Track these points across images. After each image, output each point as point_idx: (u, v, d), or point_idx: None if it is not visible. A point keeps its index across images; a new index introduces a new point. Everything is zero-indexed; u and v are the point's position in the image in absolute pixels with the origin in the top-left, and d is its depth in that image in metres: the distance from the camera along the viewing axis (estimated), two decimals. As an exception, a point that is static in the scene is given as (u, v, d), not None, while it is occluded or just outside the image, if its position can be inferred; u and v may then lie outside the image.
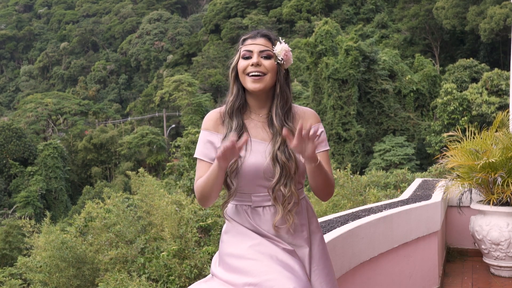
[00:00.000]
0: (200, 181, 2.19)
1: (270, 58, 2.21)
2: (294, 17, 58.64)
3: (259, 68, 2.19)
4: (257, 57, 2.20)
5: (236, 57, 2.26)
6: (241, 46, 2.26)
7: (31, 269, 8.43)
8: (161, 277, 6.76)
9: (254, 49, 2.21)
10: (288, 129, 2.07)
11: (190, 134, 19.23)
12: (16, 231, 20.66)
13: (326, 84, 31.98)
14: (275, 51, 2.22)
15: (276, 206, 2.19)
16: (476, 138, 5.01)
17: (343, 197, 9.48)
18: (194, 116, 43.56)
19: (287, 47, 2.24)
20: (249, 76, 2.19)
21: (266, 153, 2.19)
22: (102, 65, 77.17)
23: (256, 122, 2.26)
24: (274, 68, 2.22)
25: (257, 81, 2.19)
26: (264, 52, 2.21)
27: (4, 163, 41.16)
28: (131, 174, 10.17)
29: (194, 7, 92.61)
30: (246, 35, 2.28)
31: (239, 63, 2.23)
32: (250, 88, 2.21)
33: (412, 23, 45.83)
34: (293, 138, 1.99)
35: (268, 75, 2.20)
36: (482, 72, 31.98)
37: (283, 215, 2.18)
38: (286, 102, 2.24)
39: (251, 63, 2.19)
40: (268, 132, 2.23)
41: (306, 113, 2.30)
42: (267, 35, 2.25)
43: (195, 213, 7.83)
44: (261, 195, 2.21)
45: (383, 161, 29.42)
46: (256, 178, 2.19)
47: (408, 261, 4.16)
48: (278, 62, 2.22)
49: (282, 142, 2.18)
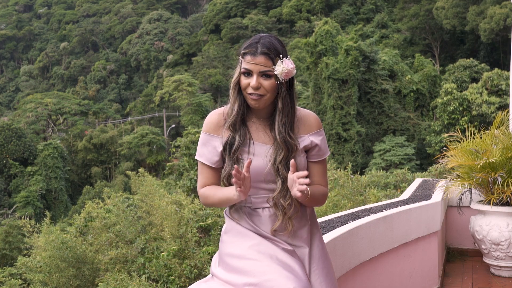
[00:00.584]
0: (209, 194, 2.26)
1: (270, 77, 2.15)
2: (294, 17, 58.63)
3: (258, 91, 2.15)
4: (256, 79, 2.14)
5: (238, 71, 2.21)
6: (241, 59, 2.19)
7: (31, 269, 8.42)
8: (161, 277, 6.76)
9: (253, 69, 2.15)
10: (294, 163, 2.08)
11: (190, 134, 19.22)
12: (16, 231, 20.66)
13: (326, 84, 31.99)
14: (275, 72, 2.14)
15: (276, 213, 2.21)
16: (476, 138, 5.01)
17: (343, 197, 9.48)
18: (194, 116, 43.55)
19: (288, 67, 2.15)
20: (249, 95, 2.17)
21: (267, 157, 2.20)
22: (102, 65, 77.17)
23: (257, 125, 2.26)
24: (274, 88, 2.17)
25: (256, 101, 2.17)
26: (264, 72, 2.15)
27: (4, 163, 41.16)
28: (131, 174, 10.17)
29: (194, 7, 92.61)
30: (247, 47, 2.18)
31: (241, 80, 2.19)
32: (251, 105, 2.20)
33: (412, 23, 45.83)
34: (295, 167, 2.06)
35: (267, 95, 2.17)
36: (482, 72, 31.98)
37: (282, 222, 2.19)
38: (288, 116, 2.21)
39: (250, 85, 2.15)
40: (269, 136, 2.24)
41: (308, 118, 2.28)
42: (267, 53, 2.14)
43: (195, 213, 7.83)
44: (261, 196, 2.23)
45: (383, 161, 29.43)
46: (256, 180, 2.20)
47: (408, 261, 4.16)
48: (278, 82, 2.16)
49: (284, 156, 2.18)
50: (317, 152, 2.27)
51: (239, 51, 2.25)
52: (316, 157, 2.28)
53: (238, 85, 2.21)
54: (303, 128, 2.26)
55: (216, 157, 2.24)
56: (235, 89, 2.21)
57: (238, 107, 2.21)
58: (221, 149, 2.23)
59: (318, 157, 2.28)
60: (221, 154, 2.24)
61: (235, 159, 2.21)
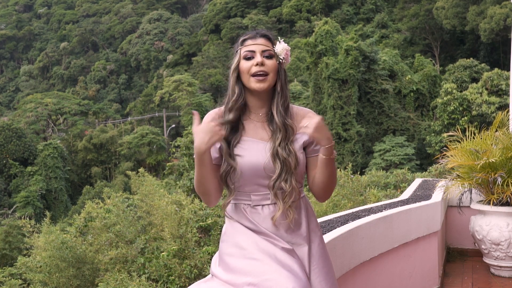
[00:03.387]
0: (194, 177, 2.24)
1: (272, 58, 2.23)
2: (294, 17, 58.64)
3: (263, 68, 2.20)
4: (260, 56, 2.21)
5: (237, 58, 2.26)
6: (240, 47, 2.26)
7: (31, 269, 8.42)
8: (161, 277, 6.76)
9: (256, 49, 2.22)
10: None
11: (190, 134, 19.23)
12: (16, 231, 20.66)
13: (326, 84, 31.99)
14: (276, 51, 2.24)
15: (277, 202, 2.20)
16: (476, 138, 5.01)
17: (343, 197, 9.48)
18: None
19: (287, 46, 2.26)
20: (254, 76, 2.20)
21: (266, 151, 2.21)
22: (102, 65, 77.17)
23: (255, 122, 2.27)
24: (276, 68, 2.23)
25: (261, 81, 2.20)
26: (266, 52, 2.23)
27: (4, 163, 41.16)
28: (131, 174, 10.16)
29: (194, 7, 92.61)
30: (245, 35, 2.28)
31: (241, 64, 2.24)
32: (254, 88, 2.21)
33: (412, 23, 45.83)
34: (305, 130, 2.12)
35: (270, 74, 2.22)
36: (482, 72, 31.96)
37: (283, 211, 2.19)
38: (285, 99, 2.26)
39: (255, 62, 2.20)
40: (267, 131, 2.25)
41: (304, 111, 2.32)
42: (267, 35, 2.26)
43: (195, 213, 7.83)
44: (260, 194, 2.23)
45: (383, 161, 29.43)
46: (255, 177, 2.20)
47: (408, 261, 4.15)
48: (279, 61, 2.24)
49: (283, 138, 2.21)
50: (315, 147, 2.27)
51: (236, 43, 2.30)
52: (315, 152, 2.27)
53: (237, 73, 2.25)
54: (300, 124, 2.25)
55: (216, 154, 2.24)
56: (234, 76, 2.24)
57: (237, 92, 2.24)
58: (219, 146, 2.23)
59: (317, 152, 2.27)
60: (219, 150, 2.25)
61: (231, 155, 2.21)
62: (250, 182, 2.21)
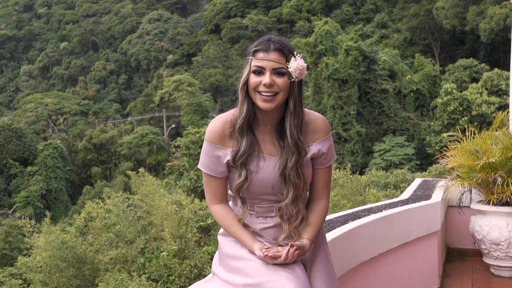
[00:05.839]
0: (222, 222, 2.21)
1: (284, 76, 2.06)
2: (294, 17, 58.61)
3: (271, 89, 2.04)
4: (270, 76, 2.04)
5: (246, 70, 2.09)
6: (251, 58, 2.08)
7: (31, 269, 8.43)
8: (161, 277, 6.76)
9: (266, 66, 2.05)
10: (297, 245, 2.08)
11: (190, 134, 19.22)
12: (16, 231, 20.66)
13: (326, 84, 32.00)
14: (289, 69, 2.06)
15: (282, 224, 2.16)
16: (476, 138, 5.01)
17: (343, 197, 9.49)
18: (194, 116, 43.53)
19: (302, 64, 2.08)
20: (261, 94, 2.06)
21: (275, 169, 2.13)
22: (102, 65, 77.14)
23: (264, 135, 2.16)
24: (287, 86, 2.07)
25: (268, 101, 2.05)
26: (277, 69, 2.06)
27: (4, 163, 41.17)
28: (131, 174, 10.18)
29: (194, 7, 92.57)
30: (257, 45, 2.08)
31: (250, 79, 2.07)
32: (260, 106, 2.07)
33: (412, 23, 45.83)
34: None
35: (280, 94, 2.07)
36: (482, 72, 31.99)
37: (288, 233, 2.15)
38: (299, 118, 2.12)
39: (263, 82, 2.04)
40: (276, 146, 2.15)
41: (316, 123, 2.20)
42: (281, 49, 2.07)
43: (195, 213, 7.83)
44: (264, 206, 2.19)
45: (383, 161, 29.43)
46: (262, 192, 2.16)
47: (408, 261, 4.16)
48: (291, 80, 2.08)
49: (295, 162, 2.10)
50: (323, 160, 2.21)
51: (248, 50, 2.12)
52: (322, 165, 2.22)
53: (246, 86, 2.10)
54: (310, 135, 2.17)
55: (222, 168, 2.17)
56: (243, 90, 2.10)
57: (246, 110, 2.10)
58: (227, 160, 2.14)
59: (323, 165, 2.22)
60: (227, 164, 2.16)
61: (243, 167, 2.12)
62: (255, 195, 2.17)
